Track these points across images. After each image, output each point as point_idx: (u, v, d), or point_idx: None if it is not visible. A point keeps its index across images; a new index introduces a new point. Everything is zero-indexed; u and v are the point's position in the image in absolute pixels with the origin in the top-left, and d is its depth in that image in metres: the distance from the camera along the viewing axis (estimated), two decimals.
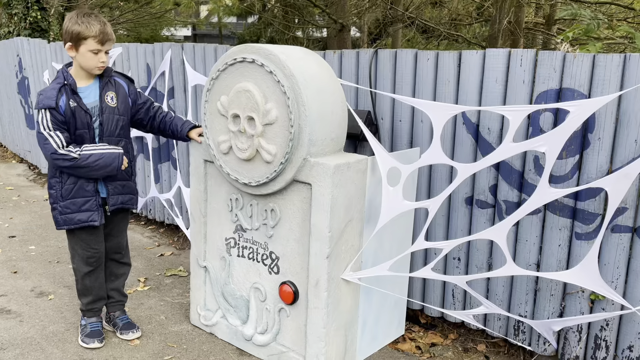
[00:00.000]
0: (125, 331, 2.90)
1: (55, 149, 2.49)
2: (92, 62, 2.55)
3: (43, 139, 2.52)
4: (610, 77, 2.34)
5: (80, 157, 2.50)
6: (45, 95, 2.53)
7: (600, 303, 2.54)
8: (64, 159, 2.50)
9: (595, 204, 2.47)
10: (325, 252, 2.41)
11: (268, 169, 2.49)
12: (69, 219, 2.63)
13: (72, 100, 2.55)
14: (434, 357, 2.90)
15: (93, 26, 2.49)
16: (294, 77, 2.33)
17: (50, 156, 2.51)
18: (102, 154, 2.54)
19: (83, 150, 2.52)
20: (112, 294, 2.95)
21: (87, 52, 2.53)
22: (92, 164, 2.52)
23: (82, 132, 2.59)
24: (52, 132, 2.50)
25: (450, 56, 2.74)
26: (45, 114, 2.52)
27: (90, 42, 2.51)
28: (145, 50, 4.33)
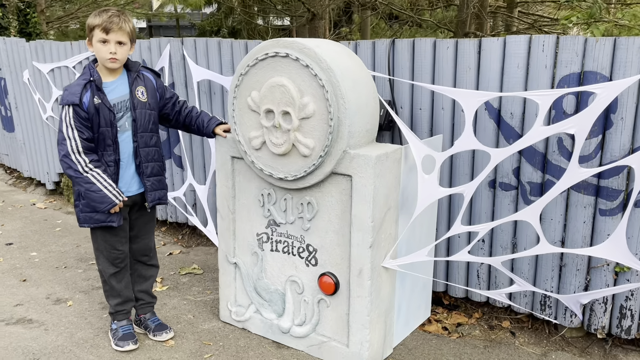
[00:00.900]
0: (159, 332, 2.88)
1: (68, 152, 2.47)
2: (101, 54, 2.49)
3: (61, 138, 2.48)
4: (632, 59, 2.45)
5: (84, 178, 2.50)
6: (70, 92, 2.48)
7: (624, 275, 2.68)
8: (70, 167, 2.49)
9: (619, 180, 2.59)
10: (368, 242, 2.45)
11: (305, 163, 2.50)
12: (89, 217, 2.61)
13: (96, 96, 2.50)
14: (463, 337, 3.00)
15: (103, 16, 2.45)
16: (331, 70, 2.35)
17: (61, 157, 2.49)
18: (100, 190, 2.52)
19: (92, 171, 2.51)
20: (141, 296, 2.91)
21: (96, 43, 2.49)
22: (86, 192, 2.52)
23: (105, 130, 2.53)
24: (72, 133, 2.46)
25: (471, 44, 2.80)
26: (68, 111, 2.47)
27: (97, 32, 2.47)
28: (141, 46, 4.24)
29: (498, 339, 2.96)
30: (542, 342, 2.91)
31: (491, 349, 2.85)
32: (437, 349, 2.85)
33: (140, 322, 2.95)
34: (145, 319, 2.93)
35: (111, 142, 2.56)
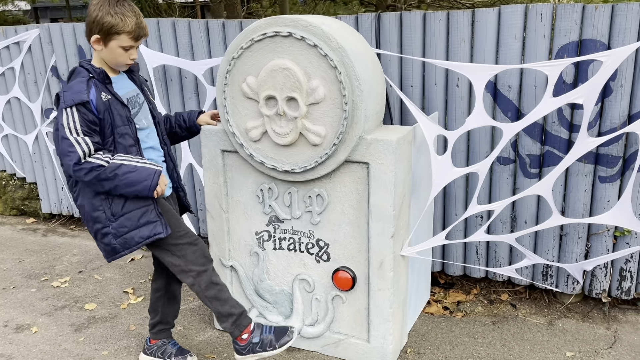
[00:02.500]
0: (183, 356, 2.53)
1: (80, 157, 2.02)
2: (121, 59, 2.13)
3: (68, 145, 2.01)
4: (632, 26, 2.45)
5: (109, 166, 2.05)
6: (73, 90, 2.04)
7: (624, 238, 2.75)
8: (91, 169, 2.02)
9: (618, 147, 2.62)
10: (390, 232, 2.30)
11: (316, 153, 2.29)
12: (129, 240, 2.15)
13: (104, 92, 2.10)
14: (468, 315, 2.96)
15: (129, 19, 2.06)
16: (343, 49, 2.15)
17: (72, 167, 2.02)
18: (135, 166, 2.07)
19: (115, 157, 2.08)
20: (170, 319, 2.55)
21: (117, 47, 2.09)
22: (121, 177, 2.04)
23: (123, 129, 2.14)
24: (80, 137, 2.02)
25: (464, 15, 2.69)
26: (72, 114, 2.02)
27: (124, 37, 2.08)
28: (75, 30, 3.75)
29: (501, 313, 2.96)
30: (544, 312, 2.94)
31: (500, 325, 2.84)
32: (449, 331, 2.80)
33: (156, 350, 2.53)
34: (165, 343, 2.53)
35: (133, 142, 2.18)
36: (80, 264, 3.70)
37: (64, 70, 3.89)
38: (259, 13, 11.95)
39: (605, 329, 2.75)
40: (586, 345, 2.64)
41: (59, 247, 3.99)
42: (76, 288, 3.36)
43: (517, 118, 2.73)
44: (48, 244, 4.07)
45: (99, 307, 3.12)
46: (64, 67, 3.88)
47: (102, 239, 2.18)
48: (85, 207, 2.17)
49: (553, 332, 2.75)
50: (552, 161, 2.72)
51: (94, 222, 2.17)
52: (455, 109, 2.82)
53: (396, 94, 2.91)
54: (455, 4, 9.20)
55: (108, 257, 2.21)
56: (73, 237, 4.19)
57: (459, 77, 2.77)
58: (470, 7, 8.38)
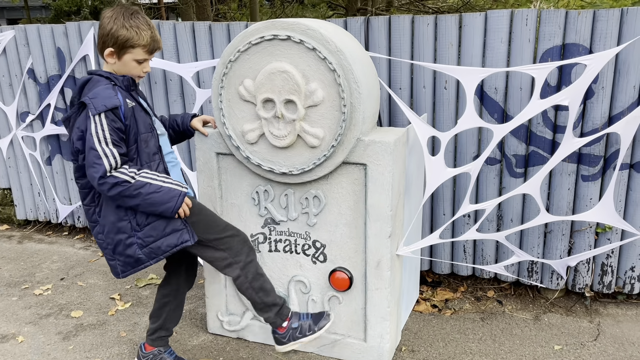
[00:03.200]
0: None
1: (106, 170, 1.97)
2: (134, 72, 2.10)
3: (95, 156, 1.95)
4: (612, 31, 2.56)
5: (134, 183, 1.99)
6: (102, 96, 1.98)
7: (605, 234, 2.86)
8: (115, 184, 1.98)
9: (600, 147, 2.73)
10: (387, 232, 2.34)
11: (314, 154, 2.31)
12: (155, 249, 2.11)
13: (128, 99, 2.07)
14: (457, 312, 3.03)
15: (144, 32, 2.03)
16: (342, 53, 2.17)
17: (97, 180, 1.97)
18: (160, 187, 2.04)
19: (141, 173, 2.04)
20: (171, 327, 2.50)
21: (131, 61, 2.07)
22: (145, 196, 2.01)
23: (147, 136, 2.11)
24: (108, 148, 1.97)
25: (452, 19, 2.76)
26: (101, 122, 1.96)
27: (139, 51, 2.06)
28: (54, 32, 3.67)
29: (488, 309, 3.03)
30: (529, 307, 3.03)
31: (489, 321, 2.91)
32: (440, 328, 2.85)
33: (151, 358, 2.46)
34: (162, 352, 2.47)
35: (156, 150, 2.15)
36: (61, 270, 3.62)
37: (41, 72, 3.80)
38: (230, 15, 11.89)
39: (588, 322, 2.86)
40: (572, 338, 2.73)
41: (37, 254, 3.89)
42: (60, 295, 3.28)
43: (503, 119, 2.81)
44: (25, 251, 3.96)
45: (85, 314, 3.06)
46: (41, 70, 3.79)
47: (124, 250, 2.12)
48: (109, 218, 2.11)
49: (540, 327, 2.84)
50: (537, 161, 2.81)
51: (116, 233, 2.11)
52: (443, 110, 2.89)
53: (384, 95, 2.96)
54: (422, 8, 9.38)
55: (127, 270, 2.15)
56: (51, 243, 4.08)
57: (446, 80, 2.83)
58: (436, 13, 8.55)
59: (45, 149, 3.99)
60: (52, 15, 15.32)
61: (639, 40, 2.54)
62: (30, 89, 3.88)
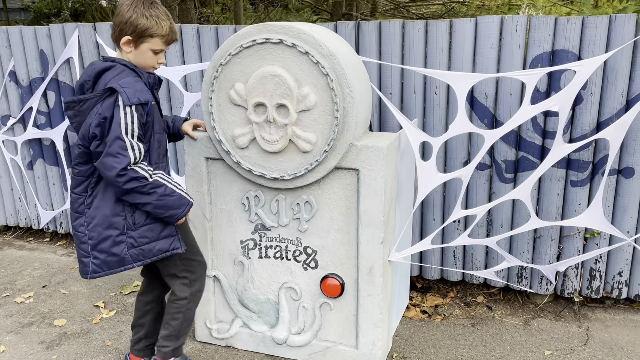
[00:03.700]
0: None
1: (129, 162, 1.94)
2: (150, 62, 2.07)
3: (121, 147, 1.93)
4: (600, 37, 2.59)
5: (153, 183, 1.99)
6: (135, 88, 1.95)
7: (593, 239, 2.88)
8: (134, 178, 1.95)
9: (588, 153, 2.75)
10: (380, 238, 2.32)
11: (306, 159, 2.29)
12: (146, 251, 2.08)
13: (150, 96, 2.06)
14: (447, 318, 3.02)
15: (163, 22, 2.01)
16: (334, 57, 2.15)
17: (119, 171, 1.93)
18: (174, 191, 2.04)
19: (157, 173, 2.02)
20: (157, 335, 2.40)
21: (148, 50, 2.03)
22: (160, 197, 2.00)
23: (160, 137, 2.12)
24: (135, 141, 1.95)
25: (442, 25, 2.76)
26: (132, 113, 1.95)
27: (157, 41, 2.03)
28: (37, 34, 3.59)
29: (478, 315, 3.03)
30: (518, 312, 3.04)
31: (479, 326, 2.90)
32: (431, 334, 2.84)
33: None
34: None
35: (163, 153, 2.13)
36: (43, 278, 3.53)
37: (23, 75, 3.71)
38: (213, 19, 11.82)
39: (577, 327, 2.87)
40: (562, 343, 2.74)
41: (17, 261, 3.79)
42: (42, 303, 3.20)
43: (493, 125, 2.81)
44: (5, 258, 3.86)
45: (69, 322, 2.98)
46: (24, 72, 3.71)
47: (110, 247, 2.06)
48: (103, 211, 2.05)
49: (530, 332, 2.84)
50: (527, 166, 2.82)
51: (107, 228, 2.05)
52: (433, 116, 2.88)
53: (375, 100, 2.95)
54: (406, 13, 9.43)
55: (106, 270, 2.08)
56: (32, 250, 3.99)
57: (437, 85, 2.83)
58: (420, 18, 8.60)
59: (26, 153, 3.90)
60: (31, 18, 15.07)
61: (626, 48, 2.56)
62: (12, 92, 3.79)
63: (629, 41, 2.53)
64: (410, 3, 10.39)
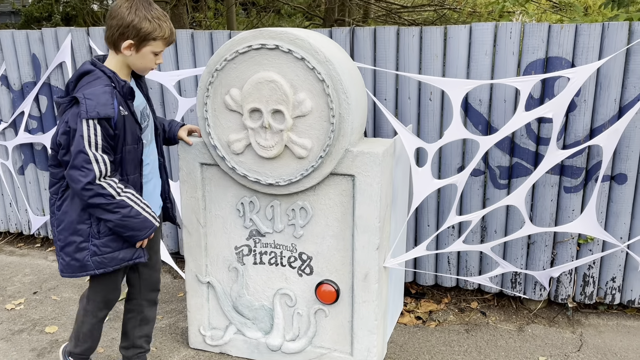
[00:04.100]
0: None
1: (95, 176, 1.91)
2: (150, 64, 2.05)
3: (85, 160, 1.89)
4: (594, 45, 2.61)
5: (119, 202, 1.96)
6: (98, 101, 1.90)
7: (587, 245, 2.89)
8: (99, 194, 1.92)
9: (582, 159, 2.76)
10: (375, 244, 2.32)
11: (301, 165, 2.28)
12: (108, 260, 2.06)
13: (122, 106, 1.99)
14: (441, 324, 3.02)
15: (164, 24, 1.99)
16: (330, 63, 2.15)
17: (85, 185, 1.91)
18: (139, 213, 2.01)
19: (126, 192, 1.99)
20: (141, 343, 2.39)
21: (149, 53, 2.01)
22: (123, 217, 1.98)
23: (131, 149, 2.05)
24: (99, 154, 1.91)
25: (437, 31, 2.77)
26: (94, 126, 1.90)
27: (159, 43, 2.01)
28: (29, 38, 3.56)
29: (472, 321, 3.03)
30: (512, 318, 3.04)
31: (474, 332, 2.90)
32: (426, 340, 2.83)
33: None
34: None
35: (138, 163, 2.08)
36: (34, 284, 3.49)
37: (14, 79, 3.68)
38: (205, 24, 11.80)
39: (571, 333, 2.88)
40: (556, 349, 2.74)
41: (7, 267, 3.75)
42: (33, 310, 3.16)
43: (487, 131, 2.82)
44: None
45: (60, 329, 2.95)
46: (15, 76, 3.68)
47: (74, 253, 2.05)
48: (70, 216, 2.03)
49: (524, 338, 2.84)
50: (521, 172, 2.83)
51: (72, 234, 2.04)
52: (428, 122, 2.89)
53: (369, 106, 2.95)
54: (398, 20, 9.48)
55: (70, 272, 2.08)
56: (22, 256, 3.94)
57: (431, 91, 2.84)
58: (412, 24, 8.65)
59: (17, 158, 3.86)
60: (22, 21, 14.98)
61: (619, 55, 2.58)
62: (3, 96, 3.76)
63: (621, 49, 2.55)
64: (402, 9, 10.47)
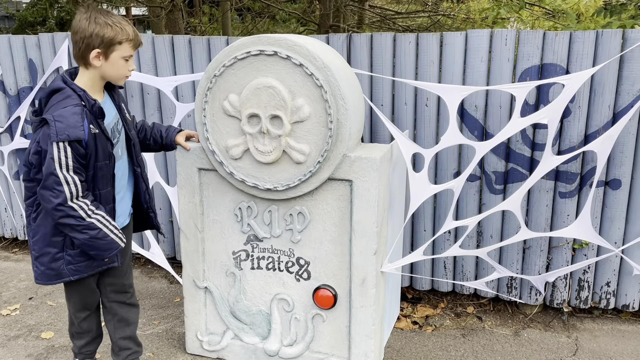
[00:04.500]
0: None
1: (66, 198, 1.93)
2: (122, 71, 2.04)
3: (55, 182, 1.91)
4: (588, 52, 2.64)
5: (88, 224, 1.97)
6: (67, 123, 1.91)
7: (582, 250, 2.91)
8: (70, 215, 1.95)
9: (576, 165, 2.79)
10: (373, 249, 2.33)
11: (299, 170, 2.29)
12: (83, 268, 2.10)
13: (92, 125, 1.99)
14: (437, 328, 3.03)
15: (126, 27, 1.99)
16: (328, 69, 2.17)
17: (56, 207, 1.93)
18: (107, 236, 2.03)
19: (96, 214, 2.00)
20: (127, 344, 2.41)
21: (119, 59, 2.01)
22: (90, 238, 2.00)
23: (103, 165, 2.05)
24: (70, 175, 1.93)
25: (433, 38, 2.80)
26: (65, 148, 1.91)
27: (126, 46, 2.01)
28: (25, 43, 3.56)
29: (468, 325, 3.04)
30: (508, 322, 3.06)
31: (470, 337, 2.92)
32: (422, 345, 2.84)
33: None
34: None
35: (110, 178, 2.09)
36: (29, 290, 3.48)
37: (11, 84, 3.68)
38: (200, 29, 11.82)
39: (566, 337, 2.89)
40: (552, 353, 2.76)
41: (2, 273, 3.73)
42: (28, 316, 3.15)
43: (482, 137, 2.85)
44: None
45: (56, 335, 2.94)
46: (11, 81, 3.67)
47: (49, 263, 2.08)
48: (44, 228, 2.07)
49: (520, 342, 2.86)
50: (516, 178, 2.85)
51: (46, 245, 2.07)
52: (424, 127, 2.91)
53: (366, 112, 2.97)
54: (392, 25, 9.53)
55: (45, 280, 2.11)
56: (17, 261, 3.93)
57: (428, 97, 2.86)
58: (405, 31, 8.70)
59: (13, 163, 3.85)
60: (16, 26, 14.94)
61: (613, 62, 2.62)
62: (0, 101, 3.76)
63: (615, 56, 2.58)
64: (396, 15, 10.53)
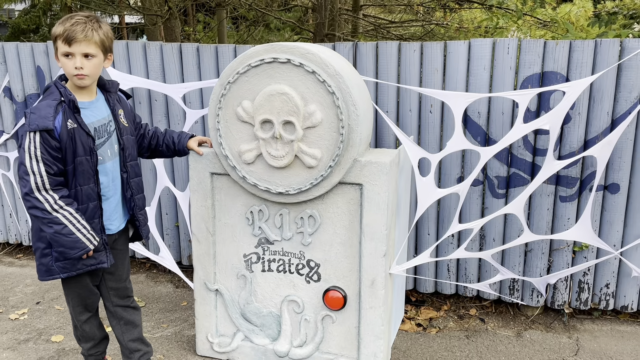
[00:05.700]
0: None
1: (32, 188, 1.99)
2: (67, 69, 2.07)
3: (23, 172, 2.00)
4: (587, 60, 2.73)
5: (52, 218, 2.02)
6: (39, 114, 1.99)
7: (582, 253, 2.99)
8: (35, 206, 2.01)
9: (577, 169, 2.87)
10: (382, 251, 2.39)
11: (311, 175, 2.36)
12: (70, 265, 2.14)
13: (70, 120, 2.04)
14: (441, 330, 3.09)
15: (63, 24, 2.03)
16: (340, 76, 2.24)
17: (23, 196, 2.02)
18: (72, 233, 2.04)
19: (63, 210, 2.04)
20: (137, 346, 2.45)
21: (61, 57, 2.06)
22: (56, 233, 2.03)
23: (83, 160, 2.09)
24: (37, 166, 1.99)
25: (437, 46, 2.88)
26: (34, 138, 1.98)
27: (59, 43, 2.04)
28: (33, 50, 3.61)
29: (472, 327, 3.11)
30: (510, 324, 3.13)
31: (474, 338, 2.98)
32: (428, 346, 2.90)
33: None
34: None
35: (92, 174, 2.13)
36: (36, 294, 3.51)
37: (18, 91, 3.72)
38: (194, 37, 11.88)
39: (567, 338, 2.97)
40: (554, 354, 2.83)
41: (8, 278, 3.75)
42: (37, 320, 3.17)
43: (485, 142, 2.93)
44: None
45: (66, 338, 2.97)
46: (19, 88, 3.72)
47: (41, 257, 2.16)
48: (36, 223, 2.14)
49: (522, 343, 2.92)
50: (518, 182, 2.93)
51: (37, 240, 2.16)
52: (428, 133, 2.99)
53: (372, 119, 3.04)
54: (386, 34, 9.65)
55: (42, 276, 2.18)
56: (22, 266, 3.95)
57: (432, 104, 2.94)
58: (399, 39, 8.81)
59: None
60: (9, 33, 14.92)
61: (611, 70, 2.71)
62: (6, 107, 3.79)
63: (613, 64, 2.67)
64: (390, 24, 10.66)
